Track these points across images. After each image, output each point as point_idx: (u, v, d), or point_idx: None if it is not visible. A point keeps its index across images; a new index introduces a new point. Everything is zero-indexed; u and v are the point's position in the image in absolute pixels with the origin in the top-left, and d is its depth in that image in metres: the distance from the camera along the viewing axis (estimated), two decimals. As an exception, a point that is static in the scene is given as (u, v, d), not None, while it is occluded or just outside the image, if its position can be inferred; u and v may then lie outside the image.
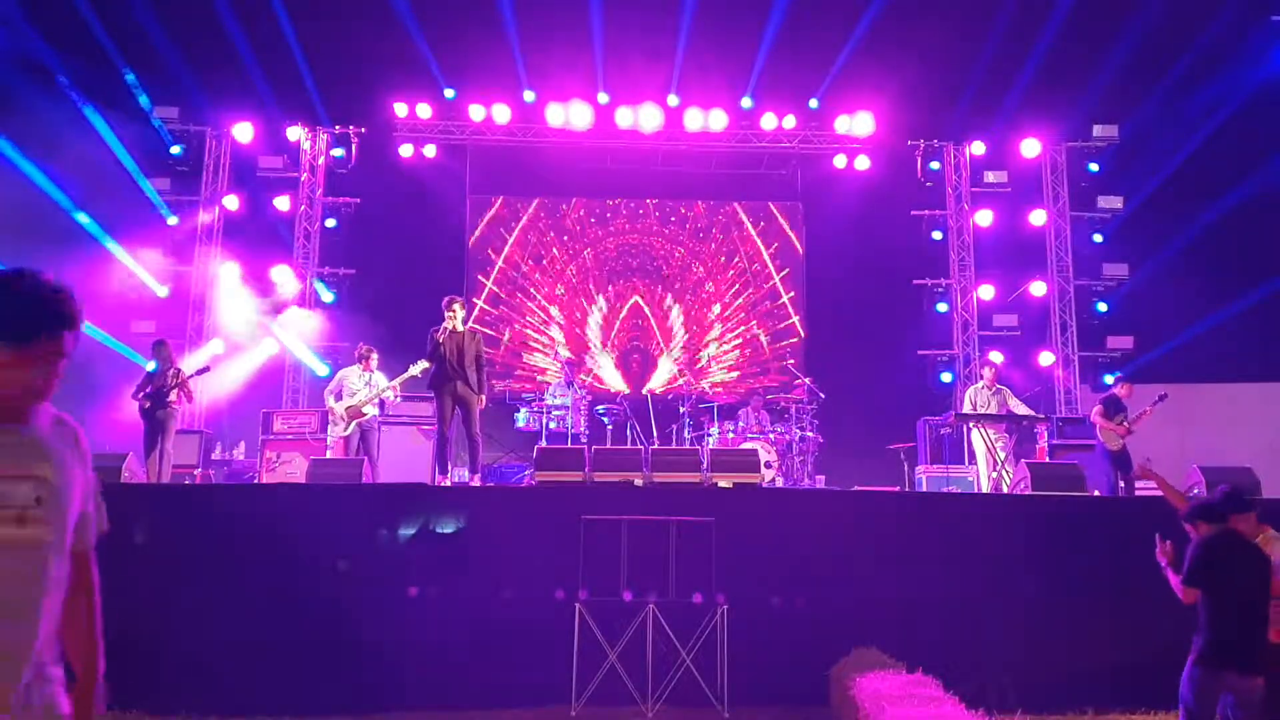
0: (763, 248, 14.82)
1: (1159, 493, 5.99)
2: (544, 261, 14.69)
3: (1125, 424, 9.41)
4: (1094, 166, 14.00)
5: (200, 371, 10.08)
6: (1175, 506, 5.22)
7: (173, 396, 9.22)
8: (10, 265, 2.14)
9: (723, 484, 8.06)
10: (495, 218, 14.74)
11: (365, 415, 9.52)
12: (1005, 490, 9.33)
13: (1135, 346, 13.62)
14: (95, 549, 2.23)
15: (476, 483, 8.52)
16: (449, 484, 8.35)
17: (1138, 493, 9.14)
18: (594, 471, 7.98)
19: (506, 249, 14.67)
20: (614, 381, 14.14)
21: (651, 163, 14.71)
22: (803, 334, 14.60)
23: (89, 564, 2.22)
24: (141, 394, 9.30)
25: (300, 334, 13.28)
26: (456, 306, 8.61)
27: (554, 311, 14.58)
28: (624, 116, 13.72)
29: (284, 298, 13.34)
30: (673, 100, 13.71)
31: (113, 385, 10.99)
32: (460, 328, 8.58)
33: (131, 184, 13.15)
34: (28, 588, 1.96)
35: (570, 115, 13.71)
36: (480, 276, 14.55)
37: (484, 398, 8.67)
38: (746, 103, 13.90)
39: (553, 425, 10.35)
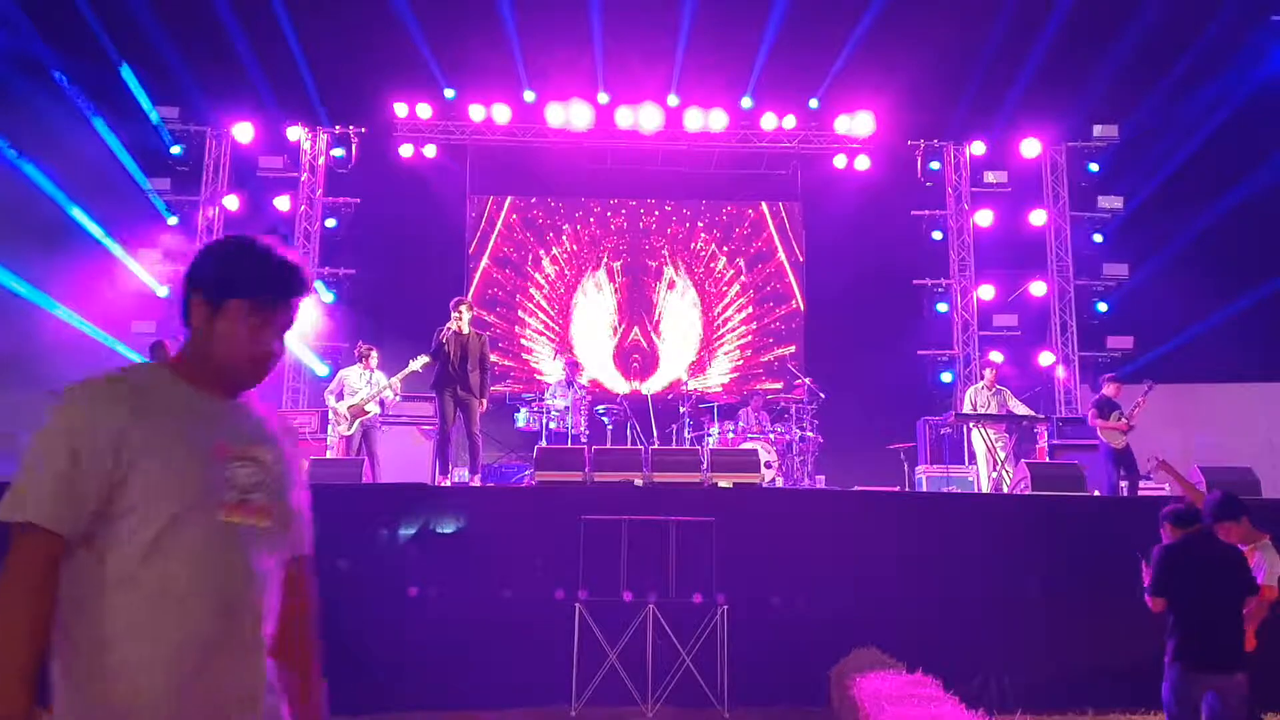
0: (779, 245, 14.82)
1: (1161, 493, 5.99)
2: (543, 261, 14.69)
3: (1124, 420, 9.40)
4: (1094, 166, 14.00)
5: None
6: (1191, 500, 5.22)
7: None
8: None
9: (723, 484, 8.05)
10: (495, 218, 14.74)
11: (368, 414, 9.52)
12: (1005, 490, 9.33)
13: (1135, 346, 13.61)
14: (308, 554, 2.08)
15: (476, 483, 8.52)
16: (449, 484, 8.35)
17: (1141, 492, 9.13)
18: (594, 471, 7.98)
19: (506, 249, 14.67)
20: (614, 382, 14.14)
21: (651, 163, 14.70)
22: (803, 333, 14.59)
23: (305, 566, 2.06)
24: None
25: (298, 329, 13.26)
26: (464, 308, 8.64)
27: (553, 311, 14.58)
28: (624, 116, 13.71)
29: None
30: (673, 100, 13.71)
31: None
32: (466, 329, 8.60)
33: (131, 184, 13.15)
34: (252, 579, 1.83)
35: (570, 115, 13.71)
36: (479, 276, 14.54)
37: (485, 401, 8.68)
38: (746, 103, 13.90)
39: (553, 425, 10.34)
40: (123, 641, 1.70)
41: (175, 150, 13.57)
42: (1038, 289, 14.00)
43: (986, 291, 14.12)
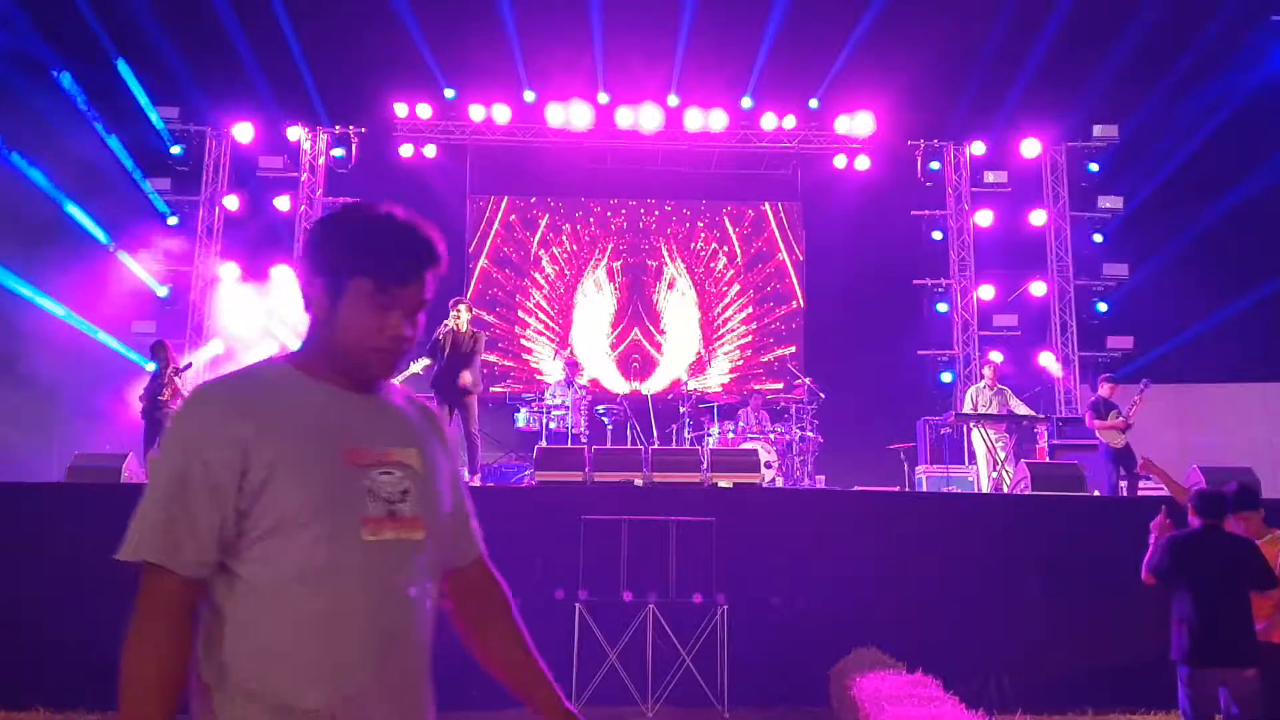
0: (779, 245, 14.81)
1: (1161, 493, 5.99)
2: (543, 262, 14.68)
3: (1121, 419, 9.39)
4: (1094, 166, 13.98)
5: (184, 369, 10.08)
6: (1178, 501, 5.20)
7: (165, 395, 9.25)
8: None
9: (723, 484, 8.05)
10: (494, 217, 14.73)
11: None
12: (1005, 490, 9.33)
13: (1135, 346, 13.60)
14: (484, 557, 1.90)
15: (476, 483, 8.51)
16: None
17: (1141, 492, 9.13)
18: (594, 471, 7.98)
19: (505, 249, 14.67)
20: (614, 382, 14.13)
21: (651, 163, 14.70)
22: (803, 334, 14.59)
23: (487, 572, 1.88)
24: (146, 396, 9.35)
25: (299, 330, 13.28)
26: (462, 307, 8.65)
27: (553, 311, 14.58)
28: (624, 116, 13.71)
29: (283, 298, 13.35)
30: (673, 100, 13.70)
31: (113, 386, 11.00)
32: (464, 328, 8.61)
33: (131, 184, 13.15)
34: (407, 603, 1.61)
35: (570, 115, 13.71)
36: (479, 276, 14.54)
37: (478, 385, 8.65)
38: (746, 103, 13.89)
39: (553, 425, 10.34)
40: (264, 680, 1.52)
41: (175, 150, 13.56)
42: (1038, 289, 14.00)
43: (986, 291, 14.11)
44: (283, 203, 13.73)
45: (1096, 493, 8.86)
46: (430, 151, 14.16)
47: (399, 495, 1.61)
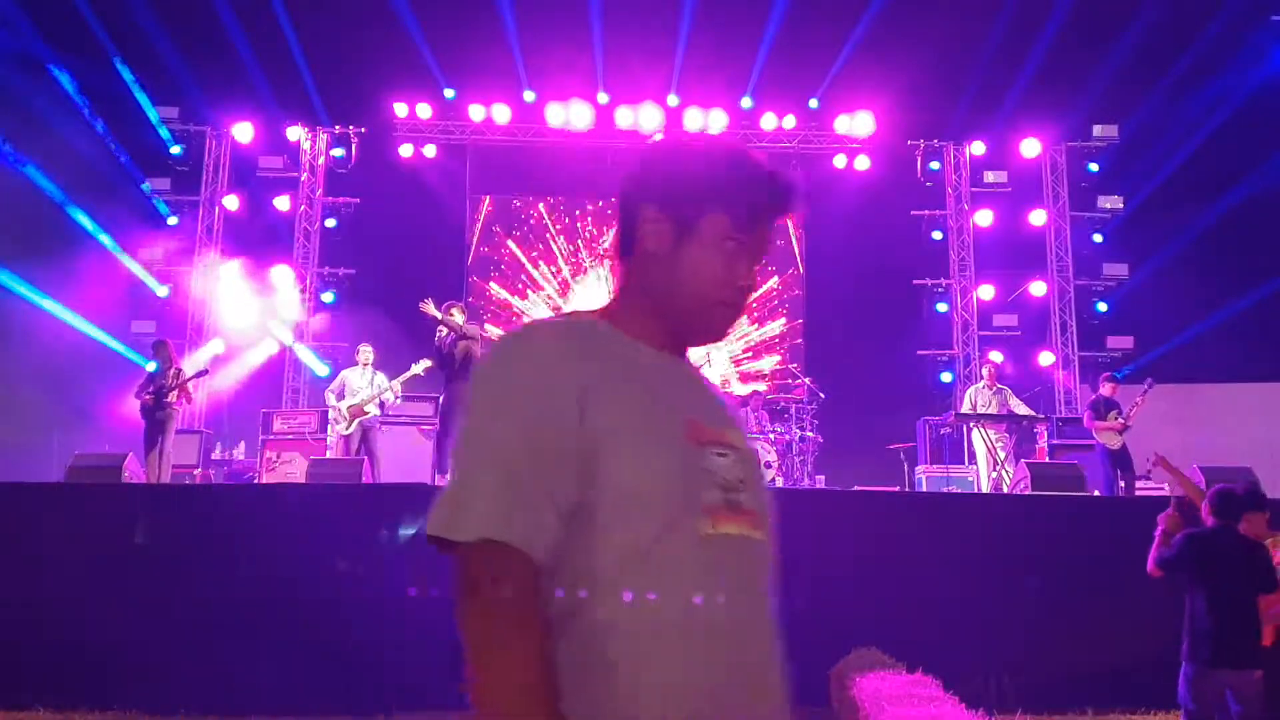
0: (779, 244, 14.75)
1: (1160, 492, 5.98)
2: (543, 262, 14.68)
3: (1120, 419, 9.39)
4: (1094, 166, 13.98)
5: (199, 375, 10.08)
6: (1191, 499, 5.18)
7: (171, 397, 9.23)
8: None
9: (723, 484, 8.03)
10: (495, 218, 14.73)
11: (368, 414, 9.52)
12: (1005, 490, 9.33)
13: (1135, 346, 13.61)
14: None
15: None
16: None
17: (1138, 492, 9.14)
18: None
19: (506, 249, 14.67)
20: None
21: (652, 163, 14.68)
22: (803, 333, 14.58)
23: None
24: (144, 394, 9.31)
25: (299, 332, 13.30)
26: (455, 310, 8.76)
27: (553, 312, 14.58)
28: (624, 116, 13.70)
29: (283, 297, 13.37)
30: (673, 100, 13.70)
31: (113, 385, 11.00)
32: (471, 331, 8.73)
33: (131, 184, 13.16)
34: (758, 614, 1.31)
35: (570, 115, 13.71)
36: (479, 277, 14.54)
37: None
38: (746, 103, 13.89)
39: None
40: (579, 706, 1.21)
41: (175, 150, 13.56)
42: (1038, 289, 14.00)
43: (986, 291, 14.11)
44: (283, 203, 13.73)
45: (1096, 493, 8.86)
46: (430, 151, 14.16)
47: (737, 482, 1.29)
